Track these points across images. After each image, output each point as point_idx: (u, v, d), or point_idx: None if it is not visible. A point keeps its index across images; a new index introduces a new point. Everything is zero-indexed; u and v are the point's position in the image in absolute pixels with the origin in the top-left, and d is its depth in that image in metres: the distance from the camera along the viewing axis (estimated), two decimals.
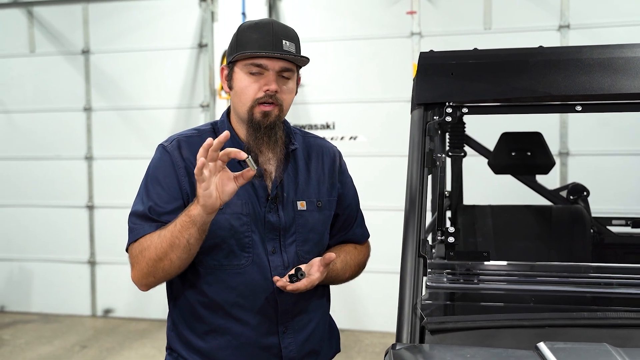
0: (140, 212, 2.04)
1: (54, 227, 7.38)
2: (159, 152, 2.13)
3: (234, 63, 2.08)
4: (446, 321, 1.95)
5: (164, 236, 1.94)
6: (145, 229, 2.00)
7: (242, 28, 2.11)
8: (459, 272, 2.12)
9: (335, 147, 2.38)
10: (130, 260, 2.05)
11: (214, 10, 6.79)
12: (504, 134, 3.35)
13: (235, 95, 2.09)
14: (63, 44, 7.27)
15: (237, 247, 2.05)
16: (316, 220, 2.17)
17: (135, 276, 2.05)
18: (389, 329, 6.31)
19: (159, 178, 2.07)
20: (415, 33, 6.37)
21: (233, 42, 2.10)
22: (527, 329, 1.87)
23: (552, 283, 2.08)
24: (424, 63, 2.43)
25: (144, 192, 2.08)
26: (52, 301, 7.41)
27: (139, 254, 2.00)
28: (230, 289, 2.06)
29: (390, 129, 6.43)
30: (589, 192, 3.54)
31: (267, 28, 2.06)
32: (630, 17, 5.88)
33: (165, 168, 2.07)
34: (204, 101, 6.81)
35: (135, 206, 2.07)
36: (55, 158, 7.34)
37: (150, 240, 1.97)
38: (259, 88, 2.04)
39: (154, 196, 2.04)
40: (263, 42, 2.03)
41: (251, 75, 2.04)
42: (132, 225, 2.04)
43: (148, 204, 2.03)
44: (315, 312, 2.21)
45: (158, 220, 2.01)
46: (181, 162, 2.07)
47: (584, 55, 2.30)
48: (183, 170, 2.06)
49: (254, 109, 2.05)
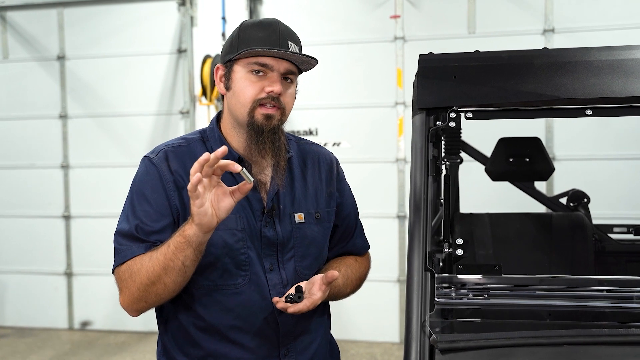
0: (126, 231, 1.88)
1: (29, 238, 7.17)
2: (144, 164, 1.97)
3: (234, 62, 1.93)
4: (457, 339, 1.83)
5: (156, 259, 1.78)
6: (134, 250, 1.85)
7: (245, 25, 1.96)
8: (467, 287, 2.00)
9: (332, 153, 2.26)
10: (118, 284, 1.89)
11: (193, 14, 6.64)
12: (502, 139, 3.25)
13: (234, 95, 1.93)
14: (38, 49, 7.08)
15: (232, 265, 1.90)
16: (315, 233, 2.03)
17: (124, 301, 1.88)
18: (375, 339, 6.21)
19: (146, 193, 1.91)
20: (398, 37, 6.28)
21: (234, 39, 1.95)
22: (544, 347, 1.76)
23: (567, 297, 1.97)
24: (424, 66, 2.31)
25: (130, 209, 1.92)
26: (27, 314, 7.19)
27: (128, 278, 1.84)
28: (227, 310, 1.92)
29: (375, 135, 6.34)
30: (590, 198, 3.45)
31: (273, 27, 1.93)
32: (616, 20, 5.84)
33: (152, 182, 1.92)
34: (183, 108, 6.66)
35: (121, 224, 1.91)
36: (30, 167, 7.14)
37: (140, 263, 1.82)
38: (260, 89, 1.90)
39: (141, 213, 1.89)
40: (269, 40, 1.89)
41: (253, 74, 1.90)
42: (118, 246, 1.89)
43: (134, 222, 1.88)
44: (317, 332, 2.07)
45: (146, 240, 1.86)
46: (169, 175, 1.92)
47: (592, 57, 2.20)
48: (172, 185, 1.91)
49: (255, 111, 1.90)
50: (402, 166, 6.28)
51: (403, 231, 6.30)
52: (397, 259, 6.32)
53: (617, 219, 4.11)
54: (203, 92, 6.36)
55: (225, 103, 2.00)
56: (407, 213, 6.31)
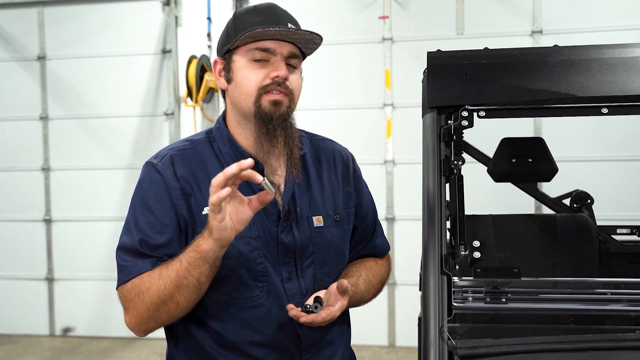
0: (129, 246, 1.74)
1: (8, 242, 7.00)
2: (147, 171, 1.81)
3: (232, 51, 1.81)
4: (478, 345, 1.76)
5: (167, 276, 1.65)
6: (139, 267, 1.71)
7: (240, 13, 1.84)
8: (485, 291, 1.93)
9: (347, 149, 2.13)
10: (123, 304, 1.75)
11: (177, 14, 6.54)
12: (504, 139, 3.20)
13: (237, 87, 1.80)
14: (17, 49, 6.93)
15: (248, 276, 1.77)
16: (335, 237, 1.90)
17: (131, 322, 1.74)
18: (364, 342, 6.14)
19: (150, 203, 1.76)
20: (387, 38, 6.23)
21: (229, 28, 1.83)
22: (568, 353, 1.70)
23: (587, 301, 1.91)
24: (433, 63, 2.25)
25: (132, 221, 1.77)
26: (7, 320, 7.01)
27: (135, 298, 1.70)
28: (246, 325, 1.79)
29: (363, 136, 6.27)
30: (593, 199, 3.41)
31: (270, 10, 1.82)
32: (603, 22, 5.85)
33: (156, 191, 1.77)
34: (168, 109, 6.54)
35: (123, 239, 1.77)
36: (9, 169, 6.98)
37: (149, 282, 1.68)
38: (265, 75, 1.77)
39: (144, 226, 1.74)
40: (268, 23, 1.78)
41: (255, 62, 1.78)
42: (122, 262, 1.75)
43: (138, 236, 1.73)
44: (339, 342, 1.95)
45: (151, 255, 1.72)
46: (175, 182, 1.77)
47: (605, 55, 2.15)
48: (178, 192, 1.76)
49: (261, 98, 1.77)
50: (391, 168, 6.22)
51: (392, 234, 6.24)
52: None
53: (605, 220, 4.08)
54: (188, 93, 6.26)
55: (228, 98, 1.88)
56: (395, 215, 6.28)
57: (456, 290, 1.93)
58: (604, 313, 1.89)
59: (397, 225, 6.25)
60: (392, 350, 6.19)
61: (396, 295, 6.23)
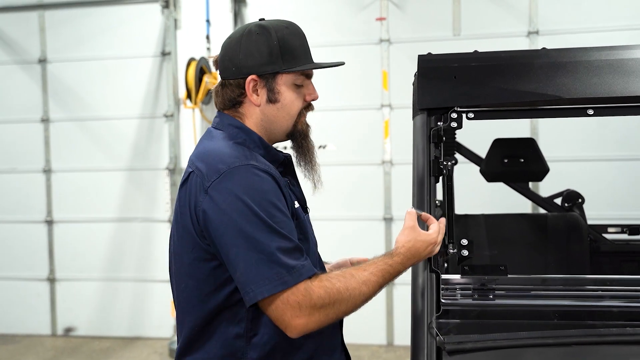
0: (287, 247, 1.72)
1: (10, 243, 7.06)
2: (253, 173, 1.78)
3: (277, 73, 1.90)
4: (465, 341, 1.82)
5: (374, 283, 1.78)
6: (309, 268, 1.73)
7: (281, 35, 1.91)
8: (473, 288, 1.99)
9: None
10: (300, 309, 1.69)
11: (177, 17, 6.58)
12: (496, 140, 3.25)
13: (283, 108, 1.93)
14: (18, 52, 6.99)
15: (318, 269, 1.90)
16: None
17: (307, 324, 1.71)
18: (363, 341, 6.19)
19: (275, 203, 1.76)
20: (384, 40, 6.28)
21: (274, 50, 1.89)
22: (552, 348, 1.76)
23: (573, 297, 1.96)
24: (424, 66, 2.31)
25: (266, 224, 1.71)
26: (9, 320, 7.07)
27: (333, 303, 1.71)
28: None
29: (361, 137, 6.33)
30: (584, 199, 3.46)
31: (299, 32, 1.99)
32: (599, 23, 5.89)
33: (274, 190, 1.79)
34: (167, 111, 6.60)
35: (272, 243, 1.70)
36: (11, 171, 7.03)
37: (348, 291, 1.73)
38: (303, 97, 1.97)
39: (282, 225, 1.74)
40: (306, 49, 1.97)
41: (296, 85, 1.94)
42: (291, 264, 1.70)
43: (286, 236, 1.73)
44: None
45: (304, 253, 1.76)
46: (281, 179, 1.85)
47: (592, 57, 2.21)
48: (286, 189, 1.86)
49: (299, 119, 1.97)
50: (389, 168, 6.27)
51: (389, 234, 6.29)
52: None
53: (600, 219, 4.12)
54: (187, 95, 6.30)
55: (261, 113, 1.93)
56: (393, 215, 6.32)
57: (445, 288, 1.98)
58: (588, 309, 1.94)
59: (395, 226, 6.30)
60: (390, 349, 6.24)
61: (394, 294, 6.28)
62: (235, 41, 1.93)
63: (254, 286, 1.68)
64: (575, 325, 1.90)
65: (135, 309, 6.81)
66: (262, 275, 1.67)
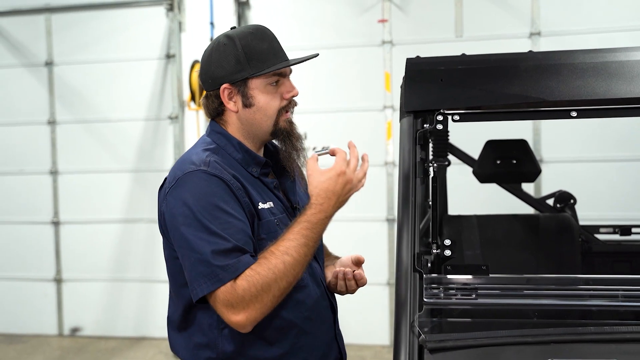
0: (222, 249, 1.78)
1: (18, 244, 7.14)
2: (201, 178, 1.87)
3: (247, 79, 1.97)
4: (446, 339, 1.85)
5: (294, 259, 1.82)
6: (245, 262, 1.79)
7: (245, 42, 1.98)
8: (456, 287, 2.02)
9: None
10: (238, 304, 1.77)
11: (181, 20, 6.64)
12: (489, 141, 3.28)
13: (259, 111, 1.99)
14: (25, 55, 7.07)
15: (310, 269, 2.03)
16: None
17: (249, 319, 1.80)
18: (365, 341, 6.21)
19: (220, 206, 1.84)
20: (386, 41, 6.31)
21: (240, 57, 1.96)
22: (531, 346, 1.79)
23: (554, 297, 1.99)
24: (411, 69, 2.35)
25: (206, 228, 1.80)
26: (17, 321, 7.15)
27: (261, 292, 1.77)
28: (299, 303, 1.98)
29: (363, 138, 6.35)
30: (576, 200, 3.48)
31: (268, 35, 2.03)
32: (601, 24, 5.89)
33: (221, 193, 1.86)
34: (172, 113, 6.65)
35: (207, 247, 1.79)
36: (18, 173, 7.11)
37: (273, 271, 1.78)
38: (280, 96, 2.01)
39: (225, 227, 1.81)
40: (275, 50, 2.01)
41: (271, 86, 1.99)
42: (221, 263, 1.78)
43: (225, 238, 1.80)
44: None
45: (246, 250, 1.81)
46: (234, 182, 1.90)
47: (576, 60, 2.23)
48: (241, 191, 1.91)
49: (279, 119, 2.01)
50: (391, 169, 6.30)
51: (392, 234, 6.31)
52: (387, 262, 6.34)
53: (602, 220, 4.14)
54: (192, 97, 6.36)
55: (239, 119, 2.02)
56: (396, 216, 6.33)
57: (428, 287, 2.02)
58: (569, 308, 1.97)
59: None
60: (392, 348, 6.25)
61: None
62: (207, 54, 2.05)
63: (196, 284, 1.81)
64: (555, 323, 1.94)
65: (141, 309, 6.87)
66: (201, 274, 1.79)
